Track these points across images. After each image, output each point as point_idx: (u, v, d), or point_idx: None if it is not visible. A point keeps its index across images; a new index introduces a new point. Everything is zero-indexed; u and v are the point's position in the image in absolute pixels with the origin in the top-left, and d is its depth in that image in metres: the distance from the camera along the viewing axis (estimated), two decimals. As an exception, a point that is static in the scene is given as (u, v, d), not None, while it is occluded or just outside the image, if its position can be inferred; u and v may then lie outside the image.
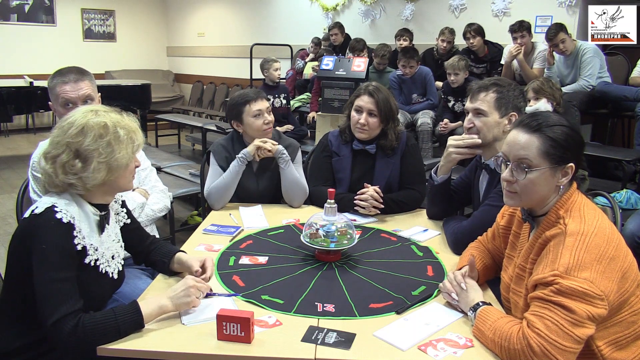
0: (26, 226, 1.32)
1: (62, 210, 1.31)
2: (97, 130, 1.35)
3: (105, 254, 1.45)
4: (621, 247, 1.21)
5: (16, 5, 8.46)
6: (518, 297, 1.33)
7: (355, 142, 2.30)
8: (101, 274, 1.42)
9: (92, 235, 1.40)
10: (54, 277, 1.25)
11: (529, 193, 1.29)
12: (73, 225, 1.32)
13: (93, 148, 1.34)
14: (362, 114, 2.23)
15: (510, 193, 1.33)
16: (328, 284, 1.56)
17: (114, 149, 1.36)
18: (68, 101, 1.87)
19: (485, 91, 1.85)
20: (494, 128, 1.83)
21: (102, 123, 1.36)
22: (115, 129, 1.37)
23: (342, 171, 2.32)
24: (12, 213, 3.04)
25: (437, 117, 4.32)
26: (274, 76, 4.80)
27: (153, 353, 1.22)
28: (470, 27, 4.53)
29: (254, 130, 2.30)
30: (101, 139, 1.35)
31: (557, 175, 1.28)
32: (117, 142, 1.37)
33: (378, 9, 6.26)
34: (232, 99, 2.36)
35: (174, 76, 10.16)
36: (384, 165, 2.28)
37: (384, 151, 2.28)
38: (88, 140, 1.34)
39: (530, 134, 1.28)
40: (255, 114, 2.27)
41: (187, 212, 4.42)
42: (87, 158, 1.34)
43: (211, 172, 2.32)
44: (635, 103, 3.70)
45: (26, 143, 7.73)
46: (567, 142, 1.27)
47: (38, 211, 1.31)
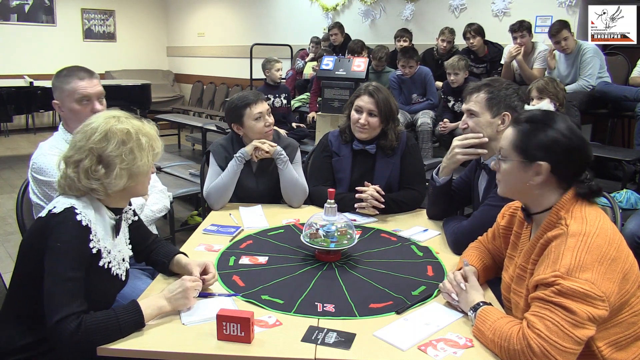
0: (44, 224, 1.32)
1: (82, 213, 1.32)
2: (120, 136, 1.36)
3: (117, 257, 1.46)
4: (622, 248, 1.21)
5: (16, 5, 8.46)
6: (519, 297, 1.33)
7: (355, 142, 2.30)
8: (112, 276, 1.43)
9: (106, 239, 1.41)
10: (65, 276, 1.25)
11: (506, 183, 1.37)
12: (90, 229, 1.33)
13: (116, 154, 1.35)
14: (362, 114, 2.23)
15: (497, 181, 1.42)
16: (328, 284, 1.56)
17: (136, 156, 1.37)
18: (85, 97, 1.88)
19: (477, 92, 1.88)
20: (486, 128, 1.85)
21: (125, 130, 1.37)
22: (138, 136, 1.38)
23: (342, 171, 2.32)
24: (12, 213, 3.03)
25: (437, 117, 4.32)
26: (276, 76, 4.80)
27: (153, 353, 1.22)
28: (470, 27, 4.53)
29: (255, 133, 2.29)
30: (124, 146, 1.36)
31: (528, 172, 1.29)
32: (139, 150, 1.38)
33: (378, 9, 6.26)
34: (231, 102, 2.35)
35: (174, 76, 10.16)
36: (384, 165, 2.28)
37: (384, 151, 2.28)
38: (111, 146, 1.34)
39: (513, 128, 1.35)
40: (257, 117, 2.26)
41: (187, 212, 4.42)
42: (110, 164, 1.35)
43: (210, 172, 2.32)
44: (635, 103, 3.70)
45: (26, 143, 7.73)
46: (541, 142, 1.27)
47: (56, 210, 1.31)
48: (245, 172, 2.29)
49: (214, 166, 2.32)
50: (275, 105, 4.75)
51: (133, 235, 1.61)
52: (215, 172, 2.29)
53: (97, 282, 1.35)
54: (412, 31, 5.28)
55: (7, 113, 6.10)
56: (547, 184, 1.30)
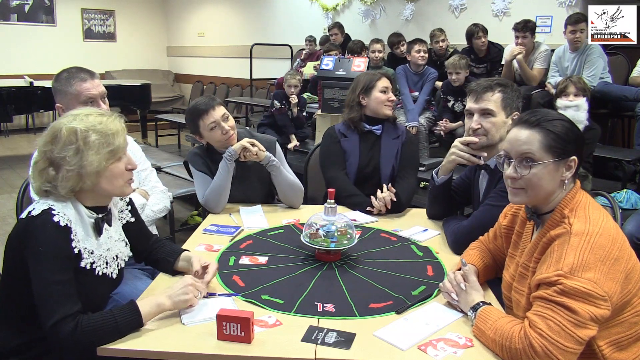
0: (23, 228, 1.31)
1: (60, 214, 1.31)
2: (67, 137, 1.32)
3: (103, 256, 1.43)
4: (625, 248, 1.21)
5: (16, 5, 8.46)
6: (520, 295, 1.33)
7: (364, 124, 2.45)
8: (98, 276, 1.41)
9: (86, 239, 1.38)
10: (52, 279, 1.25)
11: (534, 188, 1.29)
12: (70, 229, 1.32)
13: (62, 156, 1.32)
14: (389, 93, 2.44)
15: (516, 190, 1.33)
16: (328, 284, 1.56)
17: (83, 155, 1.32)
18: (90, 98, 1.88)
19: (491, 91, 1.83)
20: (501, 128, 1.83)
21: (72, 129, 1.32)
22: (86, 134, 1.33)
23: (351, 150, 2.43)
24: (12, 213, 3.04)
25: (437, 117, 4.32)
26: (288, 92, 4.65)
27: (153, 353, 1.22)
28: (477, 26, 4.52)
29: (215, 142, 2.23)
30: (69, 146, 1.32)
31: (561, 169, 1.29)
32: (86, 149, 1.32)
33: (378, 9, 6.26)
34: (186, 114, 2.28)
35: (174, 76, 10.16)
36: (389, 147, 2.43)
37: (390, 122, 2.48)
38: (57, 148, 1.32)
39: (531, 130, 1.29)
40: (211, 127, 2.17)
41: (187, 212, 4.42)
42: (59, 166, 1.32)
43: (198, 179, 2.26)
44: (635, 103, 3.70)
45: (26, 143, 7.73)
46: (567, 136, 1.28)
47: (35, 213, 1.30)
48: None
49: (198, 173, 2.26)
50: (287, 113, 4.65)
51: (132, 236, 1.60)
52: (203, 178, 2.24)
53: (81, 282, 1.33)
54: (412, 31, 5.28)
55: (7, 113, 6.09)
56: (569, 179, 1.30)
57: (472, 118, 1.87)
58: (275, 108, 4.64)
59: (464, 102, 3.87)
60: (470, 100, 1.88)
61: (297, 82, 4.62)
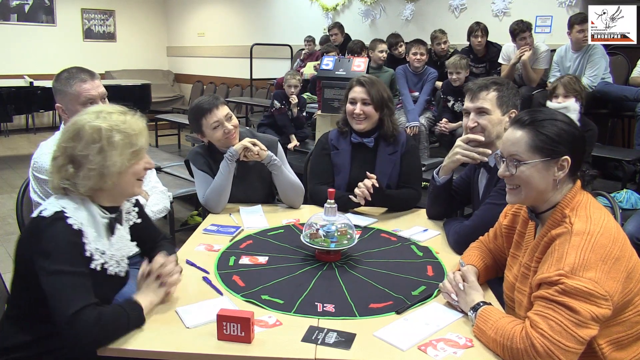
0: (34, 228, 1.30)
1: (72, 217, 1.29)
2: (91, 135, 1.31)
3: (115, 256, 1.43)
4: (626, 248, 1.21)
5: (16, 5, 8.47)
6: (522, 295, 1.33)
7: (354, 135, 2.30)
8: (109, 276, 1.41)
9: (98, 240, 1.37)
10: (69, 271, 1.23)
11: (526, 186, 1.31)
12: (82, 232, 1.30)
13: (84, 154, 1.30)
14: (356, 105, 2.25)
15: (512, 189, 1.35)
16: (328, 284, 1.56)
17: (106, 155, 1.31)
18: (90, 99, 1.88)
19: (486, 90, 1.87)
20: (497, 125, 1.86)
21: (97, 127, 1.31)
22: (110, 134, 1.32)
23: (341, 165, 2.32)
24: (12, 213, 3.03)
25: (437, 117, 4.32)
26: (288, 92, 4.72)
27: (153, 353, 1.22)
28: (479, 25, 4.52)
29: (216, 142, 2.23)
30: (93, 145, 1.31)
31: (552, 169, 1.29)
32: (110, 148, 1.32)
33: (378, 9, 6.26)
34: (189, 112, 2.28)
35: (174, 76, 10.16)
36: (385, 162, 2.27)
37: (385, 140, 2.28)
38: (80, 145, 1.31)
39: (522, 130, 1.31)
40: (214, 126, 2.16)
41: (187, 212, 4.42)
42: (80, 164, 1.31)
43: (198, 179, 2.26)
44: (635, 103, 3.70)
45: (26, 143, 7.72)
46: (559, 136, 1.28)
47: (46, 214, 1.29)
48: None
49: (199, 172, 2.26)
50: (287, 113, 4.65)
51: (139, 237, 1.59)
52: (203, 177, 2.24)
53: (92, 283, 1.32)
54: (412, 31, 5.28)
55: (7, 113, 6.10)
56: (563, 179, 1.30)
57: (469, 117, 1.91)
58: (275, 108, 4.64)
59: (463, 102, 3.86)
60: (467, 99, 1.92)
61: (297, 82, 4.62)
